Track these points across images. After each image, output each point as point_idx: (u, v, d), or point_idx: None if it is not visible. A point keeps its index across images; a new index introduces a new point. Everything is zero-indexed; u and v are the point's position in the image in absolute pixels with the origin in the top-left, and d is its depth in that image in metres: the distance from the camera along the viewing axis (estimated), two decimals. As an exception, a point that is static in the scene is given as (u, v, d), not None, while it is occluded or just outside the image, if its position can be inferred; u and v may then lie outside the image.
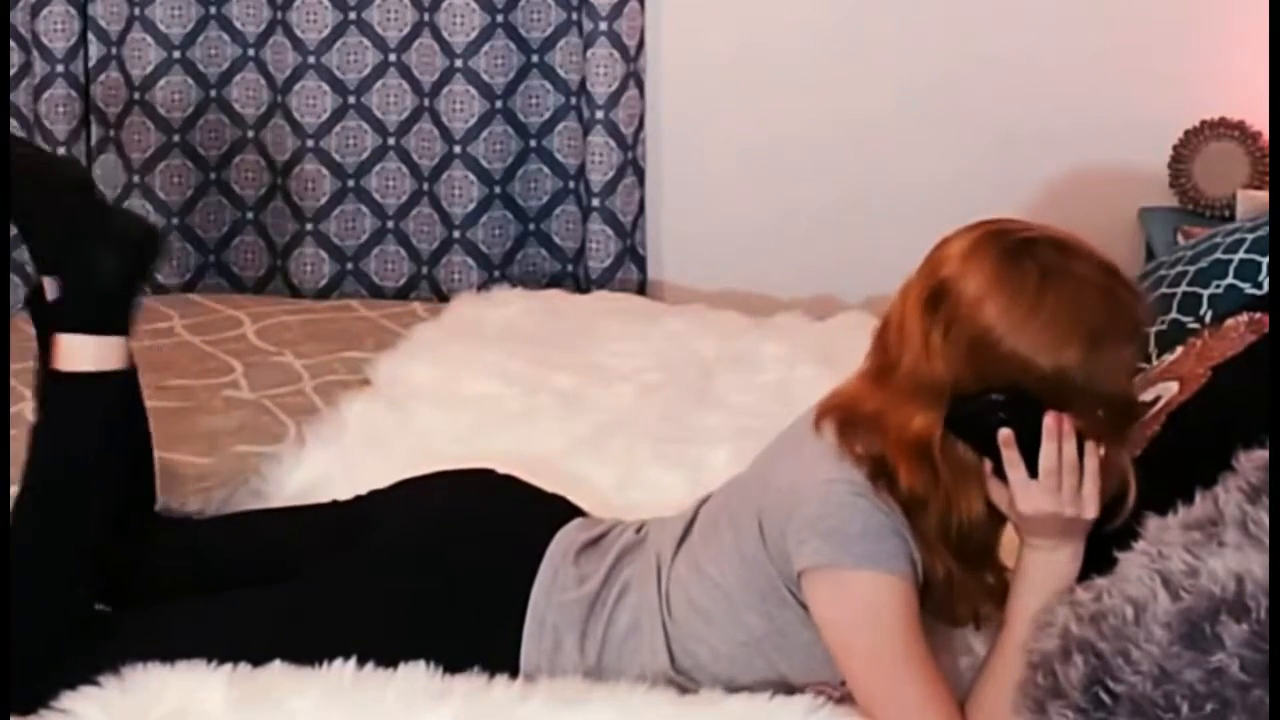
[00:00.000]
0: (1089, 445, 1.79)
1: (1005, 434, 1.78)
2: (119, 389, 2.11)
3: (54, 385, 2.09)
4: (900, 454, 1.82)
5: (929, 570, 1.85)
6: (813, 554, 1.83)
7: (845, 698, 1.88)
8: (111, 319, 2.09)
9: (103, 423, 2.10)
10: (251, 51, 3.63)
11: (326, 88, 3.61)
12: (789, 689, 1.90)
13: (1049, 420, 1.78)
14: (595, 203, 3.54)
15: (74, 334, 2.07)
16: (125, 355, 2.10)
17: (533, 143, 3.63)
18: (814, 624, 1.86)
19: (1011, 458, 1.79)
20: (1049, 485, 1.79)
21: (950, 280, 1.82)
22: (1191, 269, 2.58)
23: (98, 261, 2.06)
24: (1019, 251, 1.81)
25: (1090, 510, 1.80)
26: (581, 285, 3.61)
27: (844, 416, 1.88)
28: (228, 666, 1.88)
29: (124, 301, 2.10)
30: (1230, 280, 2.51)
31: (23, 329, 2.32)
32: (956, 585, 1.86)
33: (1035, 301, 1.78)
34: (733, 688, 1.90)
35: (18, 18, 3.53)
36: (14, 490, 2.30)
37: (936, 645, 1.87)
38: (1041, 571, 1.83)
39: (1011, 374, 1.78)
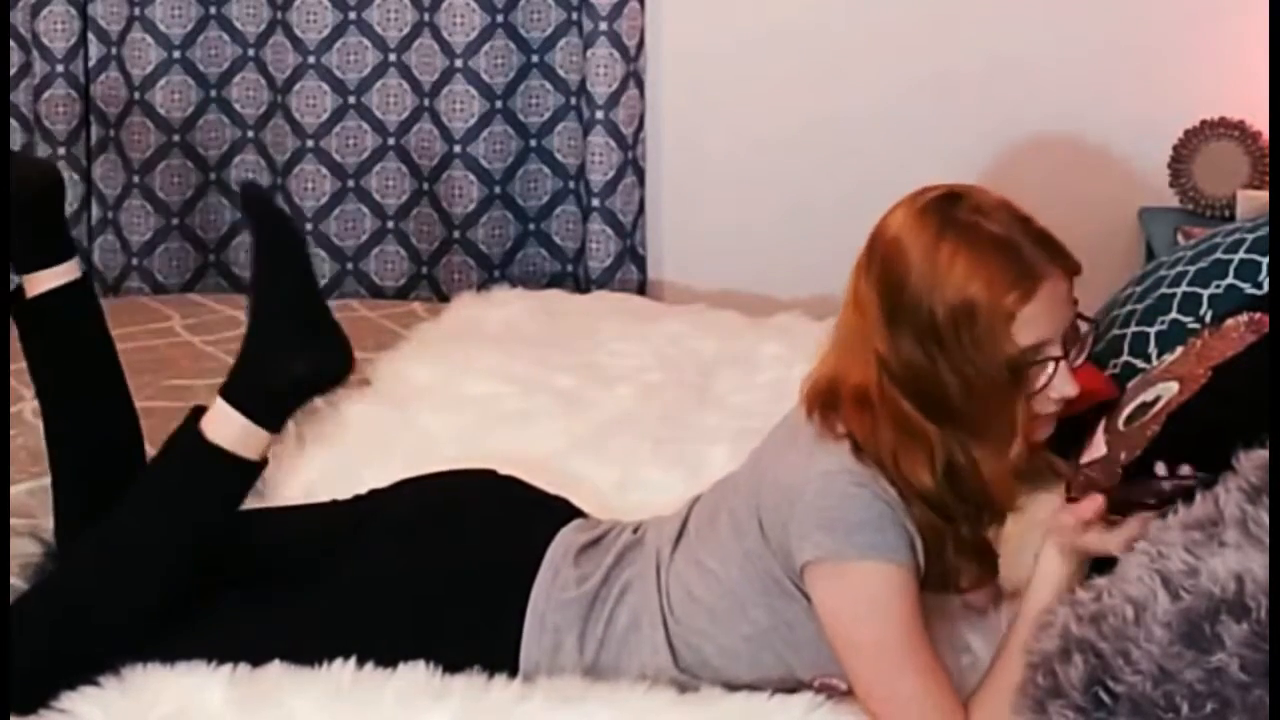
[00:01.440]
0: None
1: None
2: (243, 479, 2.05)
3: (189, 444, 2.03)
4: (849, 410, 1.85)
5: (913, 519, 1.85)
6: (814, 547, 1.83)
7: (852, 691, 1.88)
8: (272, 413, 2.05)
9: (215, 503, 2.04)
10: (251, 51, 3.63)
11: (326, 88, 3.61)
12: (796, 683, 1.91)
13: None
14: (595, 203, 3.55)
15: (233, 407, 2.02)
16: (263, 450, 2.05)
17: (533, 143, 3.63)
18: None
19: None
20: (1105, 542, 1.78)
21: (876, 234, 1.90)
22: (1191, 269, 2.58)
23: (293, 363, 2.02)
24: (937, 203, 1.86)
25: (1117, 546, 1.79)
26: (581, 285, 3.61)
27: (820, 397, 1.90)
28: (228, 666, 1.88)
29: (289, 403, 2.07)
30: (1230, 280, 2.51)
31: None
32: (939, 531, 1.86)
33: (934, 243, 1.82)
34: (739, 683, 1.91)
35: (18, 18, 3.54)
36: (14, 489, 2.31)
37: (936, 641, 1.87)
38: (1061, 579, 1.83)
39: (915, 318, 1.81)
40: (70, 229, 2.32)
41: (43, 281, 2.22)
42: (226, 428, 2.01)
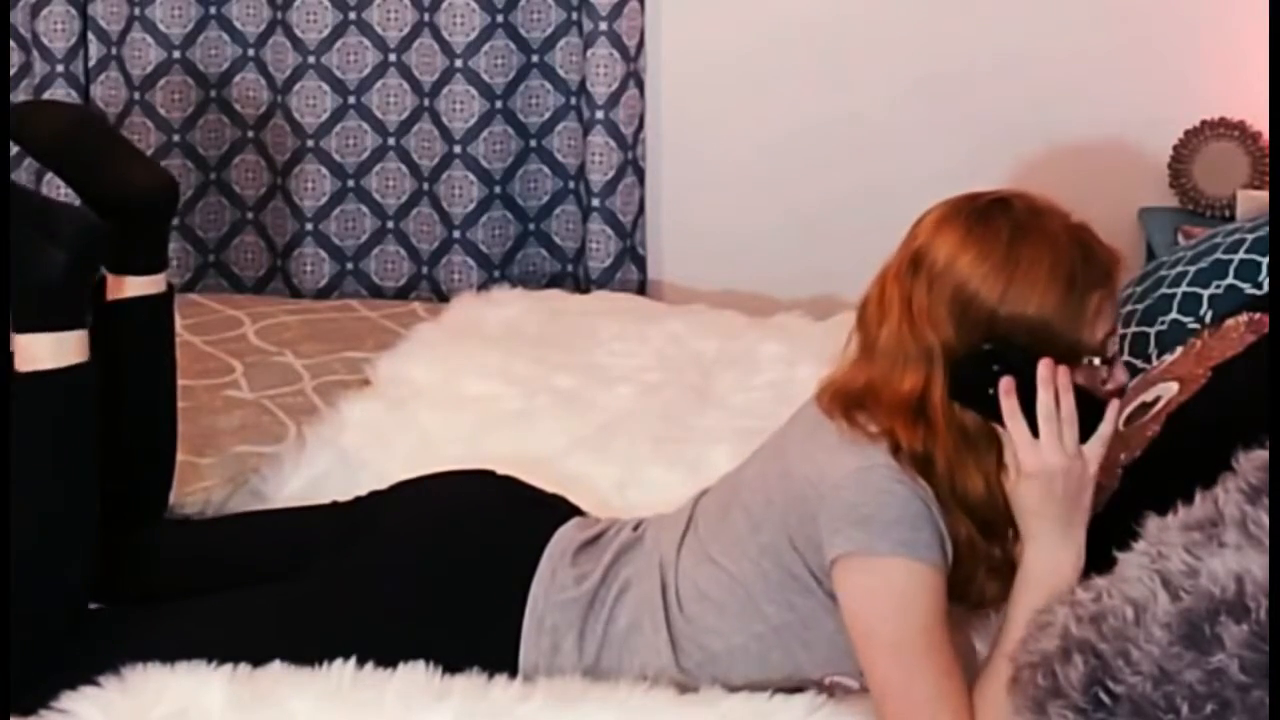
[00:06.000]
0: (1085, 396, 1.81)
1: (1005, 381, 1.78)
2: (80, 382, 2.07)
3: (16, 387, 2.04)
4: (896, 418, 1.83)
5: (952, 532, 1.84)
6: (846, 541, 1.82)
7: (862, 689, 1.87)
8: (65, 312, 2.06)
9: (68, 418, 2.06)
10: (251, 51, 3.63)
11: (326, 88, 3.61)
12: (801, 681, 1.91)
13: (1042, 368, 1.78)
14: (595, 203, 3.54)
15: (29, 334, 2.04)
16: (83, 348, 2.07)
17: (533, 143, 3.63)
18: (839, 614, 1.85)
19: (1011, 408, 1.79)
20: (1049, 438, 1.78)
21: (924, 247, 1.86)
22: (1191, 269, 2.58)
23: (44, 259, 2.03)
24: (988, 211, 1.85)
25: (1093, 464, 1.81)
26: (581, 285, 3.61)
27: (845, 401, 1.88)
28: (228, 666, 1.88)
29: (73, 295, 2.07)
30: (1230, 280, 2.51)
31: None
32: (978, 550, 1.86)
33: (1009, 252, 1.81)
34: (744, 681, 1.90)
35: (18, 18, 3.53)
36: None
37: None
38: (1043, 569, 1.82)
39: (996, 327, 1.80)
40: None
41: (129, 287, 2.27)
42: (36, 350, 2.02)
